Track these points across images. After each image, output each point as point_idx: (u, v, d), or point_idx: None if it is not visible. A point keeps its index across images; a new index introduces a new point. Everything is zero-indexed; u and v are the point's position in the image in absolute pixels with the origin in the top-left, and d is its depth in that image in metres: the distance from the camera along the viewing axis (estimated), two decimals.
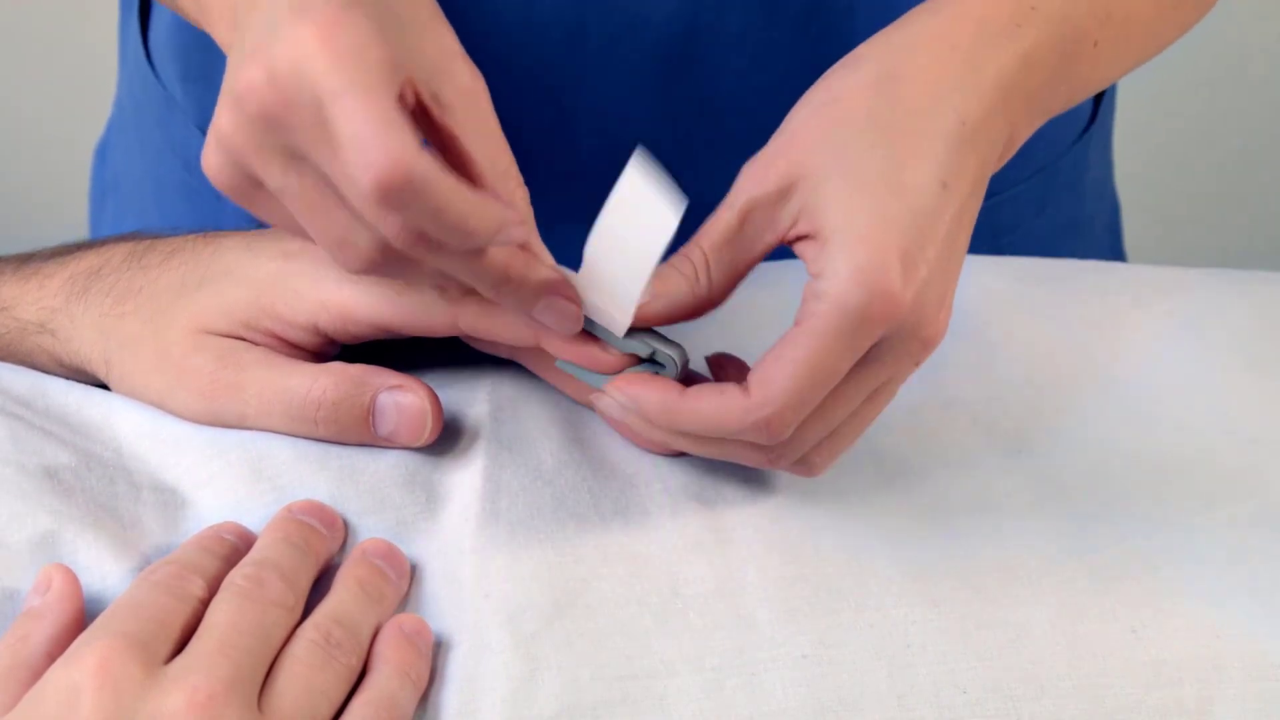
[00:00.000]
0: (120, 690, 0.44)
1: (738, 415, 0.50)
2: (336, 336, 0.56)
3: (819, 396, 0.50)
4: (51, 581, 0.49)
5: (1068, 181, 0.83)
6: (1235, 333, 0.67)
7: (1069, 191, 0.84)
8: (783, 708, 0.49)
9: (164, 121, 0.83)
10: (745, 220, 0.51)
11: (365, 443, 0.56)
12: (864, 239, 0.48)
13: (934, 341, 0.50)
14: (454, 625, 0.51)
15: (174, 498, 0.55)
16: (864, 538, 0.54)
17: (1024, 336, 0.66)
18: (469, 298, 0.54)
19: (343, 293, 0.55)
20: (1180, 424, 0.62)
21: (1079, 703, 0.50)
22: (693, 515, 0.54)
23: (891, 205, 0.49)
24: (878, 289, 0.48)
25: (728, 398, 0.50)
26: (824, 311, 0.48)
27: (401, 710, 0.47)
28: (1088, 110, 0.84)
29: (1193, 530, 0.56)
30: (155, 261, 0.59)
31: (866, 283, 0.48)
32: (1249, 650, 0.51)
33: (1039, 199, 0.81)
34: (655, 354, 0.53)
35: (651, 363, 0.53)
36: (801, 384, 0.49)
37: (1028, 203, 0.81)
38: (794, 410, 0.49)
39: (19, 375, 0.59)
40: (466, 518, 0.54)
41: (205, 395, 0.56)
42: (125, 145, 0.89)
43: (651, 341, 0.53)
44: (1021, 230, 0.81)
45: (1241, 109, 1.69)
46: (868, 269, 0.48)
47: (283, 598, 0.49)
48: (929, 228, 0.49)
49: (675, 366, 0.53)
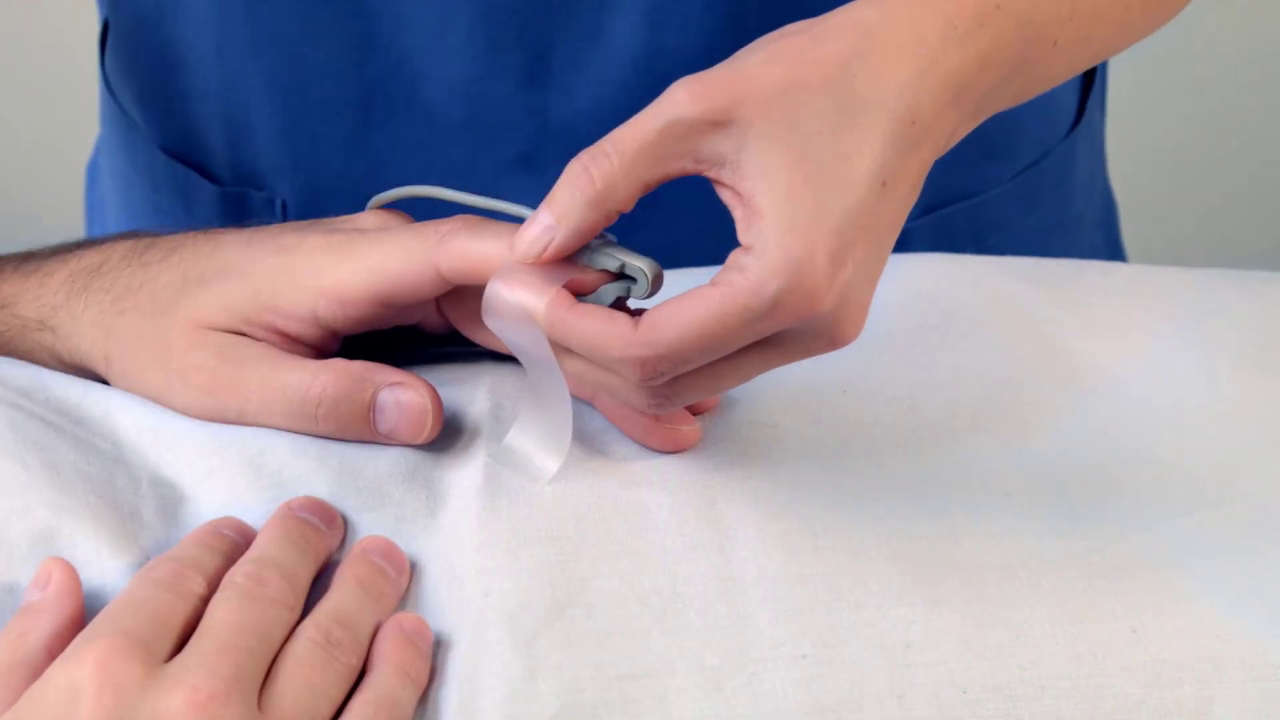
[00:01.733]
0: (121, 689, 0.44)
1: (618, 345, 0.49)
2: (335, 323, 0.56)
3: (703, 359, 0.49)
4: (51, 576, 0.49)
5: (1055, 180, 0.83)
6: (1235, 333, 0.67)
7: (1057, 190, 0.83)
8: (783, 708, 0.49)
9: (127, 144, 0.83)
10: (665, 135, 0.49)
11: (366, 439, 0.56)
12: (798, 229, 0.47)
13: (843, 341, 0.50)
14: (454, 624, 0.51)
15: (173, 492, 0.55)
16: (864, 537, 0.54)
17: (1023, 336, 0.66)
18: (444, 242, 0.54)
19: (337, 275, 0.56)
20: (1180, 424, 0.62)
21: (1079, 703, 0.50)
22: (693, 515, 0.54)
23: (832, 198, 0.48)
24: (801, 285, 0.47)
25: (615, 325, 0.50)
26: (741, 286, 0.48)
27: (401, 709, 0.47)
28: (1073, 109, 0.83)
29: (1192, 530, 0.56)
30: (156, 258, 0.59)
31: (792, 275, 0.47)
32: (1249, 650, 0.51)
33: (1026, 198, 0.81)
34: (624, 268, 0.52)
35: (622, 278, 0.52)
36: (689, 342, 0.48)
37: (1013, 202, 0.81)
38: (671, 362, 0.49)
39: (19, 369, 0.59)
40: (467, 515, 0.54)
41: (206, 391, 0.56)
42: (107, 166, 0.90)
43: (620, 255, 0.52)
44: (1009, 230, 0.81)
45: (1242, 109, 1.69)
46: (796, 262, 0.47)
47: (283, 596, 0.49)
48: (863, 226, 0.48)
49: (646, 280, 0.52)
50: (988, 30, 0.51)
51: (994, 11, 0.52)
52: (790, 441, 0.58)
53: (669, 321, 0.49)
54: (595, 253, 0.52)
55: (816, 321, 0.49)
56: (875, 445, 0.58)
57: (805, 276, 0.47)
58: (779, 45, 0.50)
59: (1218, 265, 0.73)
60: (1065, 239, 0.85)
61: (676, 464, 0.56)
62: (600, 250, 0.52)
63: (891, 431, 0.59)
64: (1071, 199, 0.85)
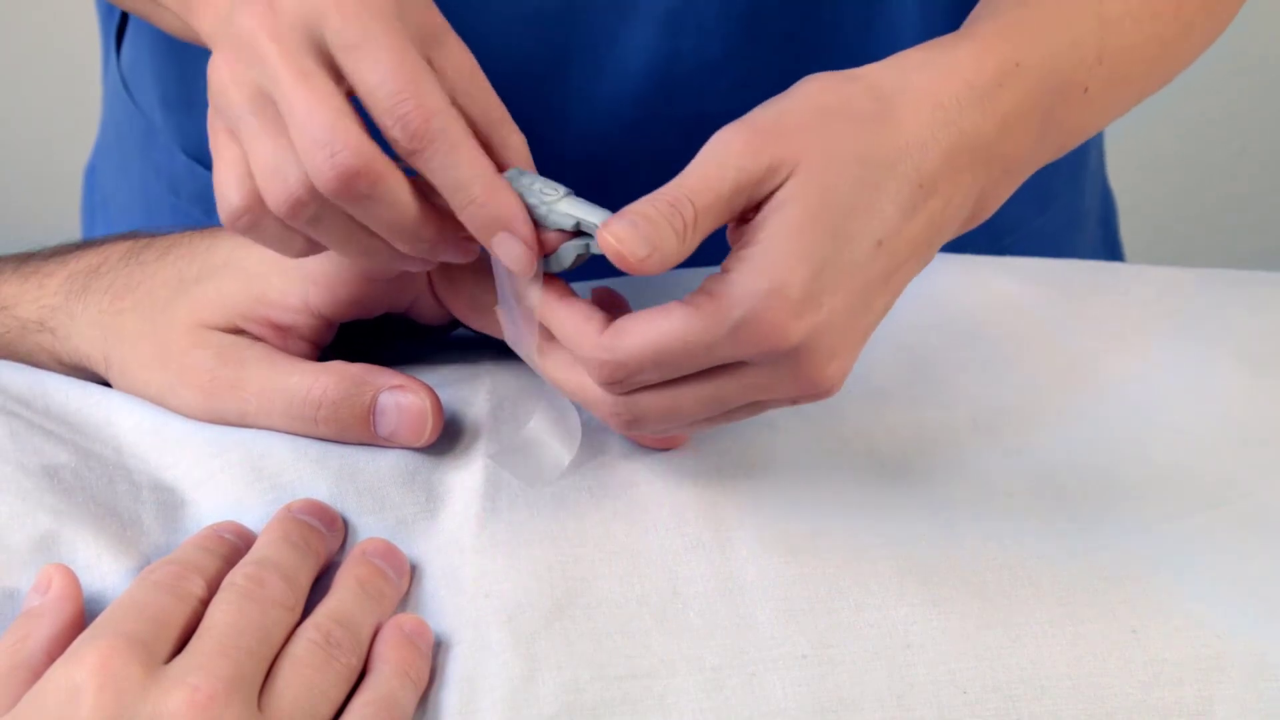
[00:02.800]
0: (121, 690, 0.44)
1: (587, 346, 0.50)
2: (327, 310, 0.57)
3: (662, 374, 0.49)
4: (51, 581, 0.49)
5: (1069, 176, 0.83)
6: (1235, 333, 0.67)
7: (1070, 187, 0.83)
8: (782, 708, 0.49)
9: (146, 148, 0.83)
10: (737, 190, 0.49)
11: (366, 442, 0.56)
12: (776, 264, 0.48)
13: (815, 386, 0.50)
14: (454, 625, 0.51)
15: (173, 497, 0.55)
16: (864, 538, 0.54)
17: (1023, 336, 0.66)
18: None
19: (325, 263, 0.56)
20: (1180, 424, 0.62)
21: (1079, 703, 0.50)
22: (693, 515, 0.54)
23: (821, 244, 0.48)
24: (765, 316, 0.47)
25: (588, 325, 0.50)
26: (708, 308, 0.48)
27: (401, 710, 0.47)
28: None
29: (1192, 530, 0.56)
30: (152, 257, 0.59)
31: (758, 304, 0.47)
32: (1249, 650, 0.51)
33: (1041, 197, 0.81)
34: (580, 224, 0.51)
35: (579, 235, 0.51)
36: (646, 353, 0.49)
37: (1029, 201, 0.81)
38: (629, 371, 0.49)
39: (19, 373, 0.59)
40: (466, 517, 0.54)
41: (205, 392, 0.56)
42: (111, 169, 0.89)
43: (574, 211, 0.51)
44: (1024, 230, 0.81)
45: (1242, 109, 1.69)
46: (764, 293, 0.47)
47: (283, 597, 0.49)
48: (846, 279, 0.49)
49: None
50: (1008, 89, 0.52)
51: (1014, 70, 0.52)
52: (790, 442, 0.58)
53: (636, 330, 0.49)
54: (550, 210, 0.51)
55: (780, 358, 0.49)
56: (876, 446, 0.58)
57: (770, 310, 0.47)
58: (815, 92, 0.51)
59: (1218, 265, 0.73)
60: (1078, 235, 0.85)
61: (676, 464, 0.56)
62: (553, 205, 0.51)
63: (892, 432, 0.59)
64: (1082, 195, 0.85)
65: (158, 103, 0.80)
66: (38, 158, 1.73)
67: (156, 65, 0.79)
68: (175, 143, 0.80)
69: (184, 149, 0.79)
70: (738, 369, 0.50)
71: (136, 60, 0.82)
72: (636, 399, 0.51)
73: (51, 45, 1.66)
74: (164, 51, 0.78)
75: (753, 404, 0.51)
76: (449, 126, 0.49)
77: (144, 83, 0.81)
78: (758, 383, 0.50)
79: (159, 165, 0.82)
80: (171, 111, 0.79)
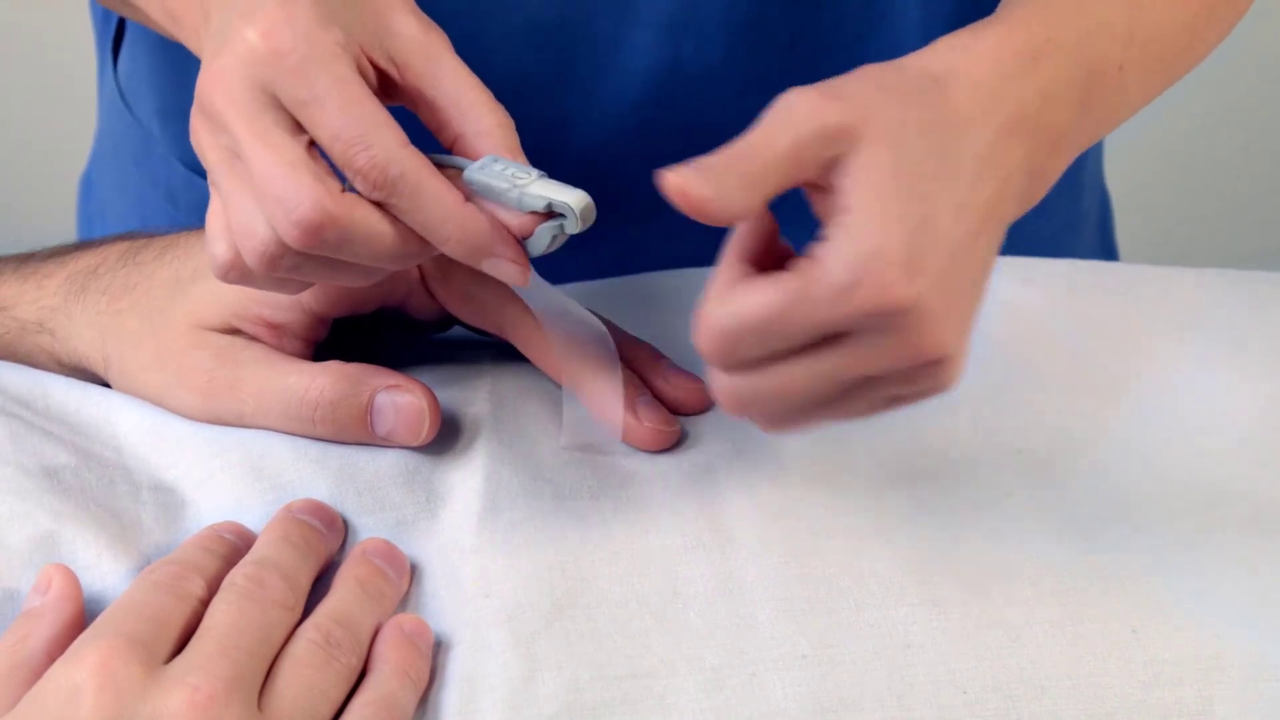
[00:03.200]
0: (121, 690, 0.44)
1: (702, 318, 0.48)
2: (320, 307, 0.57)
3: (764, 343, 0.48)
4: (51, 581, 0.49)
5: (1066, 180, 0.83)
6: (1235, 333, 0.67)
7: (1069, 188, 0.83)
8: (782, 708, 0.49)
9: (143, 158, 0.83)
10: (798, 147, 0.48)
11: (363, 442, 0.56)
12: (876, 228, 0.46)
13: (928, 352, 0.48)
14: (454, 625, 0.51)
15: (173, 497, 0.55)
16: (864, 538, 0.54)
17: (1023, 337, 0.66)
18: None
19: None
20: (1179, 424, 0.62)
21: (1079, 703, 0.50)
22: (693, 515, 0.54)
23: (912, 208, 0.47)
24: (872, 275, 0.46)
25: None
26: (812, 273, 0.46)
27: (402, 710, 0.47)
28: None
29: (1192, 530, 0.56)
30: (149, 258, 0.59)
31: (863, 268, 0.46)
32: (1249, 650, 0.51)
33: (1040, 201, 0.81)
34: (551, 205, 0.51)
35: (553, 216, 0.51)
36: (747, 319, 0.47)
37: None
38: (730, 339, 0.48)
39: (19, 374, 0.59)
40: (466, 517, 0.54)
41: (203, 393, 0.56)
42: (107, 179, 0.89)
43: (545, 193, 0.51)
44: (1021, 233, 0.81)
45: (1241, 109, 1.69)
46: (868, 254, 0.46)
47: (283, 597, 0.49)
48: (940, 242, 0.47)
49: (574, 216, 0.51)
50: (1043, 63, 0.52)
51: (1047, 44, 0.52)
52: (790, 441, 0.58)
53: (734, 296, 0.47)
54: (522, 194, 0.51)
55: (887, 322, 0.47)
56: (875, 446, 0.58)
57: (877, 271, 0.46)
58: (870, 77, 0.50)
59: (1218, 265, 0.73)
60: (1073, 240, 0.85)
61: (676, 463, 0.56)
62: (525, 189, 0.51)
63: (892, 432, 0.59)
64: (1080, 197, 0.85)
65: (155, 113, 0.80)
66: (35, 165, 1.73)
67: (154, 76, 0.79)
68: (173, 153, 0.80)
69: (182, 159, 0.79)
70: (844, 340, 0.48)
71: (134, 71, 0.82)
72: (745, 377, 0.49)
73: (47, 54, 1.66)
74: (162, 62, 0.77)
75: (868, 386, 0.49)
76: (406, 171, 0.49)
77: (141, 93, 0.81)
78: (868, 354, 0.48)
79: (156, 176, 0.82)
80: (169, 122, 0.79)
